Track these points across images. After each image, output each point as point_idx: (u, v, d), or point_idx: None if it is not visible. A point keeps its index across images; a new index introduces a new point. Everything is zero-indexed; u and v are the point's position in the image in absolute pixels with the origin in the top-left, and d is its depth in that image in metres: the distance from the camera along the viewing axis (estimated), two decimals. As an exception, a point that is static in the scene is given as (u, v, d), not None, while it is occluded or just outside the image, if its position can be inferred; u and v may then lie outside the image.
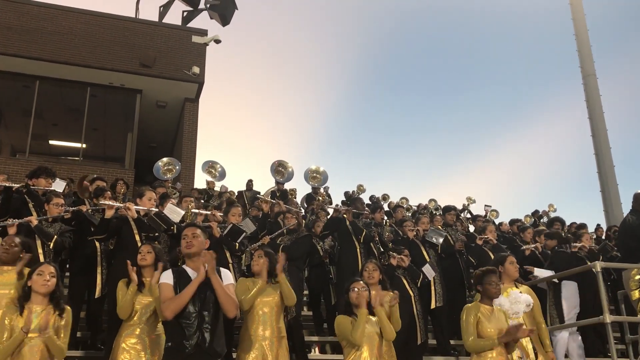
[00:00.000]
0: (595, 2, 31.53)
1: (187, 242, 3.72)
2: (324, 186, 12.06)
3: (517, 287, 4.93)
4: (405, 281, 6.27)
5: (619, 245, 7.52)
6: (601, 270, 5.47)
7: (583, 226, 10.15)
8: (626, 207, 15.94)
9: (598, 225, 12.93)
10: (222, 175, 12.32)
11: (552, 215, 14.12)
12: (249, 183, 12.72)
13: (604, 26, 42.98)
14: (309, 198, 11.78)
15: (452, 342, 7.17)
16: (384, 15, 42.81)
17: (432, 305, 7.07)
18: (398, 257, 6.32)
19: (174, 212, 5.99)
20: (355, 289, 4.51)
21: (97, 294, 5.84)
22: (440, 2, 44.23)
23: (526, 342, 4.66)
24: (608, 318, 5.19)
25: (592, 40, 18.93)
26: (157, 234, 5.72)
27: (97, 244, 5.86)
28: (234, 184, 13.00)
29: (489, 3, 42.43)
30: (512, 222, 10.96)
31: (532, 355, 4.67)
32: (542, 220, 13.90)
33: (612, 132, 17.89)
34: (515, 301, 4.54)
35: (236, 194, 12.35)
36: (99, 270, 5.89)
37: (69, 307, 4.10)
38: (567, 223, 10.77)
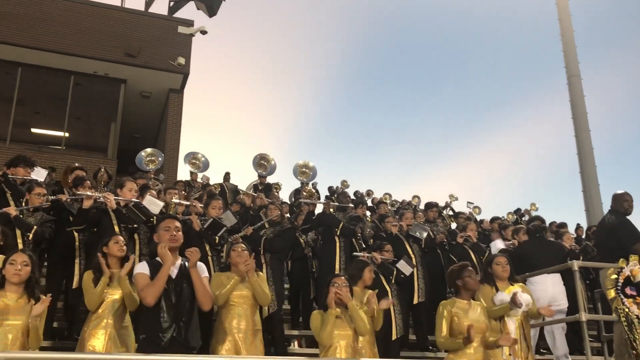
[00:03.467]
0: (582, 4, 31.75)
1: (171, 235, 3.66)
2: (312, 182, 12.01)
3: (512, 285, 4.90)
4: (382, 277, 6.28)
5: (597, 245, 7.58)
6: (579, 269, 5.52)
7: (563, 225, 10.26)
8: (607, 207, 16.12)
9: (578, 224, 13.06)
10: (206, 166, 12.20)
11: (534, 214, 14.23)
12: (227, 175, 12.64)
13: (589, 28, 43.35)
14: (297, 193, 11.72)
15: (430, 337, 7.19)
16: (368, 12, 42.77)
17: (415, 301, 7.08)
18: (367, 255, 6.33)
19: (152, 204, 5.95)
20: (336, 284, 4.43)
21: (75, 284, 5.75)
22: (424, 1, 44.28)
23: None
24: (584, 316, 5.23)
25: (577, 41, 19.10)
26: (136, 226, 5.67)
27: (76, 234, 5.79)
28: (218, 176, 12.85)
29: (474, 2, 42.56)
30: (493, 219, 11.04)
31: (519, 352, 4.63)
32: (523, 219, 14.01)
33: (594, 133, 18.06)
34: None
35: (218, 187, 12.26)
36: (77, 260, 5.81)
37: (44, 297, 4.06)
38: (548, 222, 10.86)
